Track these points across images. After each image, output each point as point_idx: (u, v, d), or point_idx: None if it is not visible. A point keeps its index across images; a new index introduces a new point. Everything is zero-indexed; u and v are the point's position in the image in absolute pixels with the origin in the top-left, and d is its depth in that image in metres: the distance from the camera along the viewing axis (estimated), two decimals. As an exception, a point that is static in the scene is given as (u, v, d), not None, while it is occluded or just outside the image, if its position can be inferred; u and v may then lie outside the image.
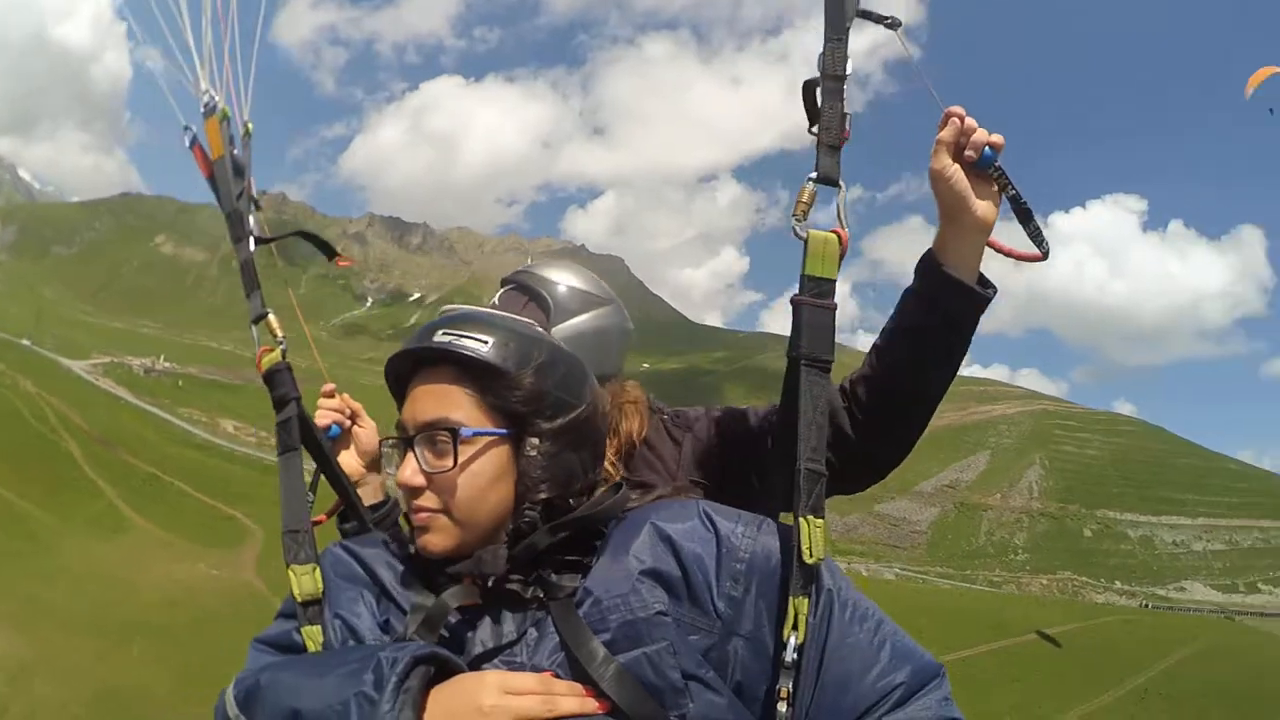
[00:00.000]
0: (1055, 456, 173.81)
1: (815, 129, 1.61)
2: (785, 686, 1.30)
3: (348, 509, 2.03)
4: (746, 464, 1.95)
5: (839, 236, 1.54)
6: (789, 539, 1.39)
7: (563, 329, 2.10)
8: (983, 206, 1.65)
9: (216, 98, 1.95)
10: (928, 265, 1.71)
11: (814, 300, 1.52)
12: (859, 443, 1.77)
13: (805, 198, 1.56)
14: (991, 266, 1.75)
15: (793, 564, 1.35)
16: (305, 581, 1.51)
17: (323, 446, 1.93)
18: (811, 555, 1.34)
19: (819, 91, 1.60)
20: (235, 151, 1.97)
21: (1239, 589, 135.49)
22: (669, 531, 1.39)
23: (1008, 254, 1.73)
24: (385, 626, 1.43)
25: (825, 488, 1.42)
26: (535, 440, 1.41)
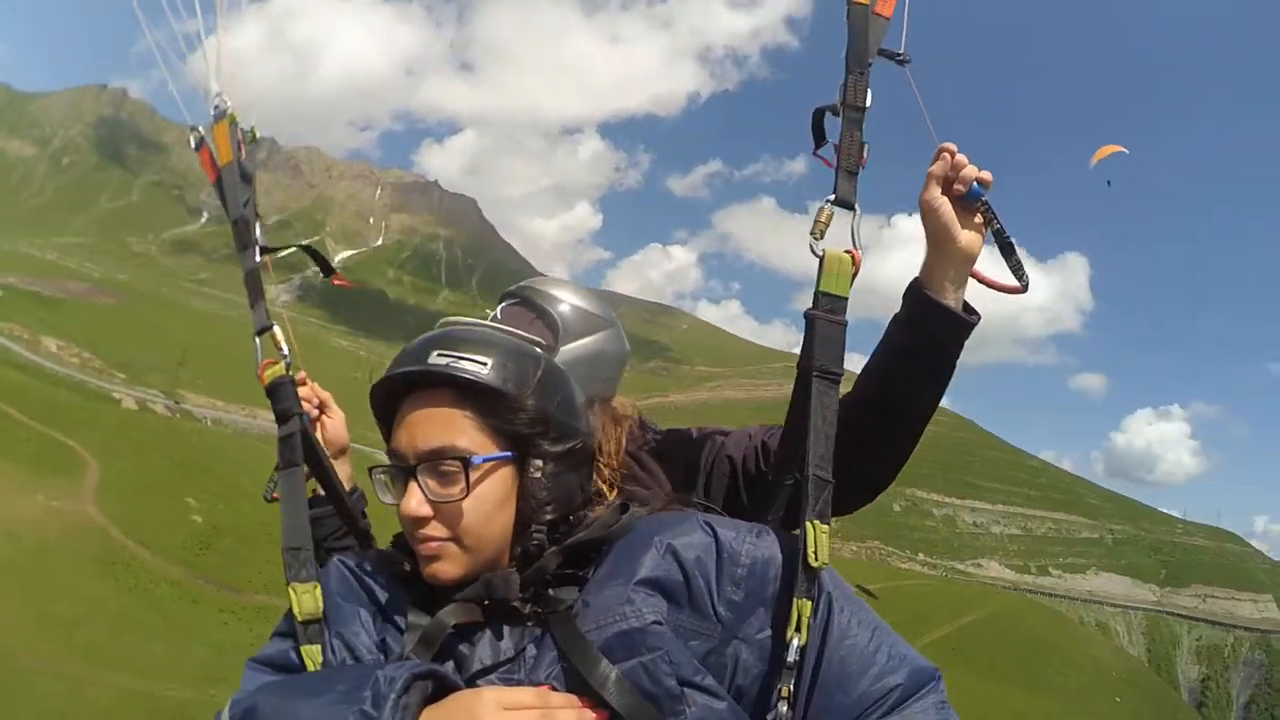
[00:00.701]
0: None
1: (818, 152, 1.72)
2: (786, 687, 1.32)
3: (340, 515, 2.03)
4: (735, 481, 1.99)
5: (853, 257, 1.60)
6: (790, 544, 1.42)
7: (568, 350, 2.09)
8: (968, 237, 1.70)
9: (228, 102, 1.93)
10: (914, 292, 1.75)
11: (827, 315, 1.57)
12: (850, 462, 1.69)
13: (823, 218, 1.62)
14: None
15: (796, 567, 1.37)
16: (306, 600, 1.49)
17: (325, 463, 1.93)
18: (817, 559, 1.37)
19: (840, 119, 1.68)
20: (243, 158, 1.93)
21: (1030, 570, 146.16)
22: (669, 540, 1.38)
23: (989, 285, 1.80)
24: (382, 645, 1.42)
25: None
26: (539, 462, 1.40)
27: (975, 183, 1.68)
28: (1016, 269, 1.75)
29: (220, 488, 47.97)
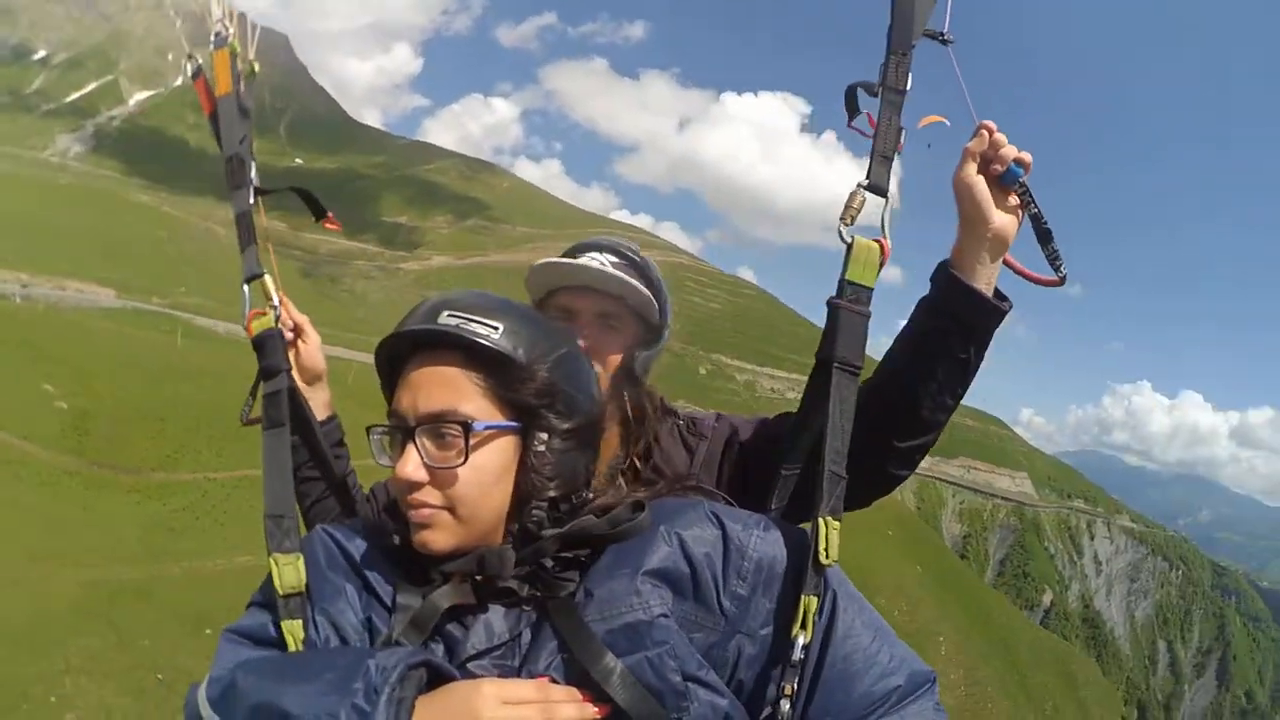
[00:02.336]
0: (684, 304, 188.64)
1: (853, 124, 1.66)
2: (790, 685, 1.29)
3: (328, 484, 2.01)
4: (744, 467, 1.96)
5: (881, 246, 1.54)
6: (798, 539, 1.39)
7: (662, 338, 2.03)
8: (1002, 220, 1.62)
9: (230, 29, 1.83)
10: (943, 274, 1.67)
11: (851, 305, 1.52)
12: (867, 455, 1.63)
13: (855, 204, 1.56)
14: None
15: (805, 563, 1.34)
16: (288, 572, 1.41)
17: (312, 424, 1.91)
18: (827, 556, 1.34)
19: (878, 101, 1.62)
20: (242, 90, 1.82)
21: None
22: (677, 530, 1.34)
23: (1023, 275, 1.71)
24: (368, 624, 1.36)
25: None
26: (545, 436, 1.35)
27: (1014, 163, 1.61)
28: (1053, 258, 1.65)
29: (66, 370, 47.58)
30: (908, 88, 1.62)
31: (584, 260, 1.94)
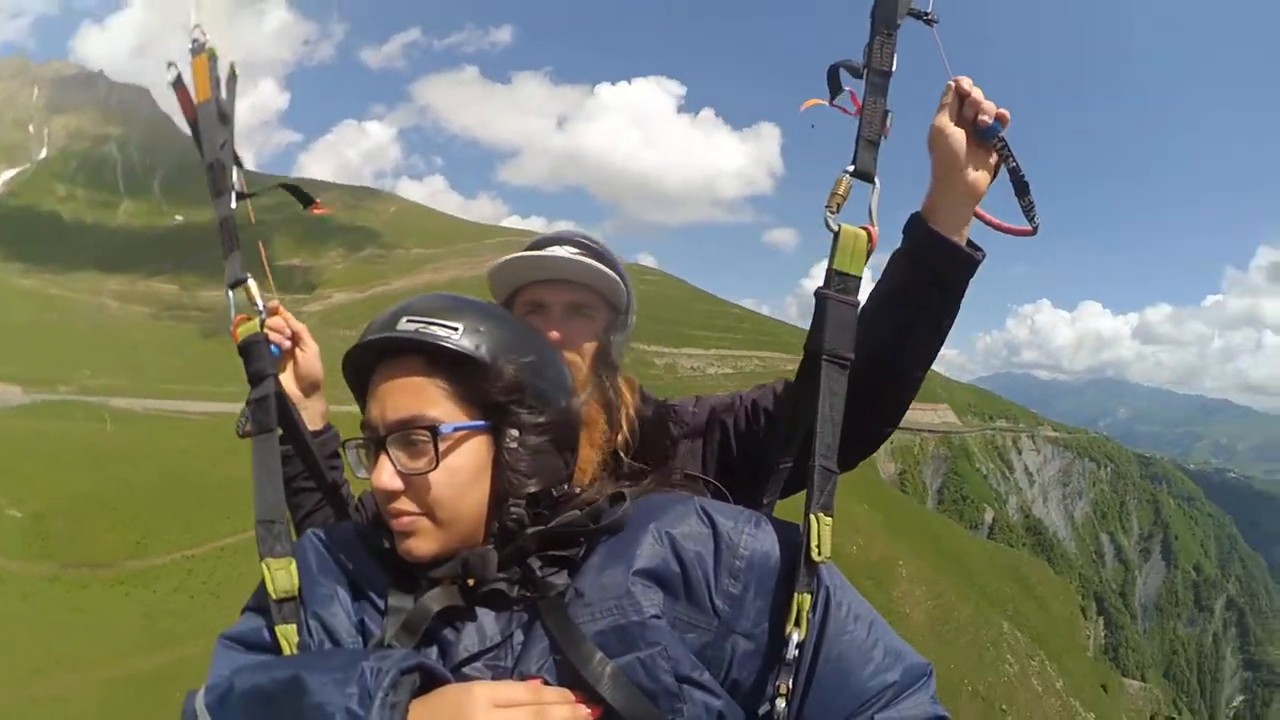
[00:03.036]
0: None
1: (835, 102, 1.63)
2: (784, 683, 1.28)
3: (319, 488, 2.01)
4: (728, 446, 1.95)
5: (869, 234, 1.51)
6: (790, 535, 1.37)
7: (629, 324, 2.01)
8: (975, 172, 1.62)
9: (207, 35, 1.81)
10: (916, 225, 1.66)
11: (839, 295, 1.49)
12: (852, 418, 1.52)
13: (840, 190, 1.53)
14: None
15: (797, 560, 1.32)
16: (281, 577, 1.41)
17: (300, 428, 1.86)
18: (820, 553, 1.32)
19: (863, 83, 1.58)
20: (221, 96, 1.82)
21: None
22: (666, 529, 1.32)
23: (994, 225, 1.71)
24: (360, 627, 1.35)
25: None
26: (515, 432, 1.33)
27: (994, 119, 1.60)
28: (1028, 210, 1.65)
29: (5, 477, 46.23)
30: (893, 69, 1.59)
31: (547, 253, 1.94)
